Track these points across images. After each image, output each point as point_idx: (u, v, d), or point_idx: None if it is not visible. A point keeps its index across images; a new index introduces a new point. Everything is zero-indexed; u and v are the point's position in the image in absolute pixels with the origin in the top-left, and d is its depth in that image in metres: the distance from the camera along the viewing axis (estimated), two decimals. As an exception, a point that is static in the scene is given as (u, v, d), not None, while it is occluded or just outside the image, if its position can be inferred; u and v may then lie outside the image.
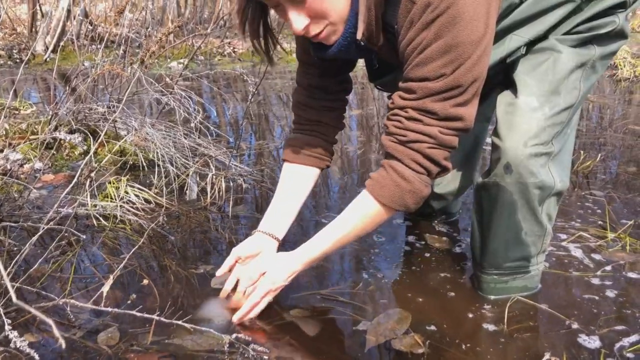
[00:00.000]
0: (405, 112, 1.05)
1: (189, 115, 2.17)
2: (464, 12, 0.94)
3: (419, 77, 1.01)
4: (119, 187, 1.85)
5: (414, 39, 0.99)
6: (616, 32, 1.17)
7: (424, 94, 1.01)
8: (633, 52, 4.78)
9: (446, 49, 0.96)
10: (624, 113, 3.13)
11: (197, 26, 5.99)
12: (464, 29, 0.95)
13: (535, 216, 1.23)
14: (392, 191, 1.09)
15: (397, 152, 1.07)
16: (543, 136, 1.16)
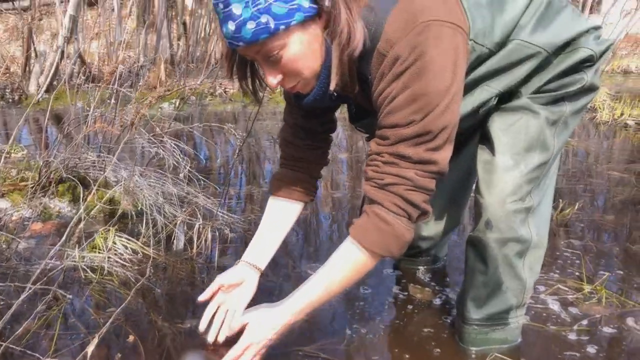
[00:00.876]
0: (382, 157, 1.09)
1: (178, 163, 2.21)
2: (431, 64, 1.00)
3: (390, 124, 1.06)
4: (107, 237, 1.88)
5: (384, 90, 1.05)
6: (586, 87, 1.23)
7: (396, 139, 1.06)
8: (612, 95, 4.92)
9: (414, 97, 1.02)
10: (603, 157, 3.21)
11: (189, 65, 6.09)
12: (431, 80, 1.01)
13: (515, 271, 1.28)
14: (375, 236, 1.11)
15: (377, 197, 1.10)
16: (520, 192, 1.22)
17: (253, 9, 0.97)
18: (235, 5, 0.97)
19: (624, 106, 4.17)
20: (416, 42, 0.99)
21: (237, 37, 1.01)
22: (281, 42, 1.01)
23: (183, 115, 4.44)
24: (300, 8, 0.98)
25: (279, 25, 0.98)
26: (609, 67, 6.83)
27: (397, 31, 1.01)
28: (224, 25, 1.01)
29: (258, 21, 0.98)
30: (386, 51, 1.03)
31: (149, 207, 2.02)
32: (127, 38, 5.79)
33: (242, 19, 0.98)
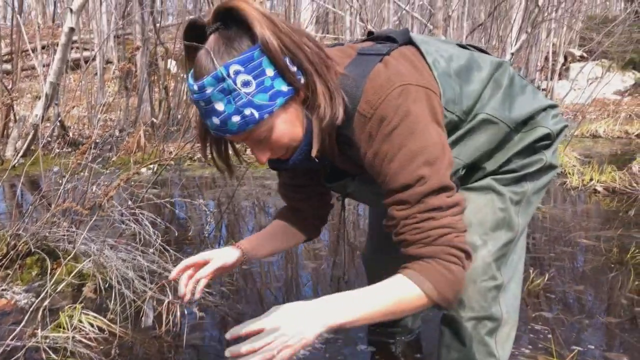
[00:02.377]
0: (414, 218, 1.06)
1: (150, 236, 2.20)
2: (418, 121, 1.05)
3: (400, 186, 1.06)
4: (72, 315, 1.83)
5: (378, 152, 1.08)
6: (545, 167, 1.29)
7: (417, 198, 1.05)
8: (581, 160, 5.08)
9: (413, 154, 1.05)
10: (573, 224, 3.28)
11: (170, 129, 6.16)
12: (424, 134, 1.06)
13: (488, 349, 1.29)
14: (437, 277, 1.04)
15: (430, 253, 1.05)
16: (490, 271, 1.25)
17: (236, 104, 1.01)
18: (217, 103, 1.01)
19: (592, 172, 4.30)
20: (398, 103, 1.05)
21: (223, 130, 1.05)
22: (267, 126, 1.06)
23: (161, 180, 4.45)
24: (279, 93, 1.03)
25: (263, 114, 1.03)
26: (579, 132, 7.08)
27: (376, 93, 1.06)
28: (207, 119, 1.05)
29: (242, 114, 1.02)
30: (368, 113, 1.07)
31: (117, 282, 1.99)
32: (109, 101, 5.87)
33: (226, 114, 1.02)
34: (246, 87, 1.00)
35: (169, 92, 6.90)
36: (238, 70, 0.99)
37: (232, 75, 0.99)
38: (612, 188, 4.08)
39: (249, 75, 1.00)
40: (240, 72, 0.99)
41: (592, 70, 10.69)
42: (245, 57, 0.99)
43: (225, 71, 0.99)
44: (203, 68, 1.01)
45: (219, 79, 0.99)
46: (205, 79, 1.00)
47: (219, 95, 1.01)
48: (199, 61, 1.02)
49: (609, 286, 2.32)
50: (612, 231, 3.09)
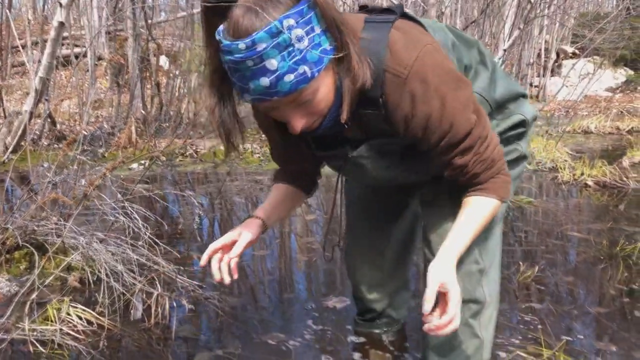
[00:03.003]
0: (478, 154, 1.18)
1: (139, 229, 2.19)
2: (455, 73, 1.12)
3: (462, 135, 1.15)
4: (60, 308, 1.82)
5: (431, 112, 1.10)
6: (520, 157, 1.37)
7: (476, 140, 1.17)
8: (573, 155, 5.10)
9: (464, 105, 1.13)
10: (564, 218, 3.29)
11: (162, 125, 6.13)
12: (464, 86, 1.13)
13: (472, 330, 1.35)
14: (508, 188, 1.24)
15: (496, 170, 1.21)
16: (473, 256, 1.32)
17: (290, 61, 0.96)
18: (270, 60, 0.95)
19: (583, 166, 4.32)
20: (433, 60, 1.08)
21: (270, 92, 0.99)
22: (314, 87, 1.02)
23: (153, 175, 4.43)
24: (326, 52, 1.00)
25: (315, 72, 0.99)
26: (570, 128, 7.11)
27: (407, 52, 1.07)
28: (251, 81, 0.98)
29: (296, 72, 0.97)
30: (402, 73, 1.07)
31: (106, 275, 1.97)
32: (100, 97, 5.83)
33: (280, 72, 0.96)
34: (300, 42, 0.96)
35: (160, 88, 6.86)
36: (292, 24, 0.94)
37: (286, 29, 0.94)
38: (602, 182, 4.09)
39: (302, 29, 0.95)
40: (293, 27, 0.94)
41: (584, 67, 10.76)
42: (297, 10, 0.95)
43: (279, 25, 0.93)
44: (249, 24, 0.93)
45: (274, 33, 0.93)
46: (256, 35, 0.93)
47: (273, 52, 0.94)
48: (240, 18, 0.94)
49: (599, 278, 2.33)
50: (602, 224, 3.10)
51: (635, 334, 1.82)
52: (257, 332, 1.83)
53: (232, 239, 1.31)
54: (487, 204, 1.23)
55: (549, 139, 5.61)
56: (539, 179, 4.43)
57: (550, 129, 6.53)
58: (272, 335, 1.80)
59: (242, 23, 0.94)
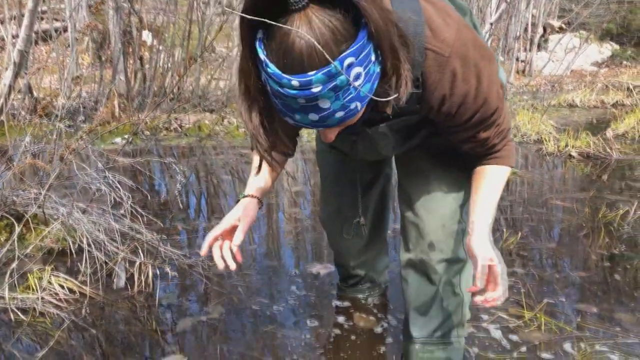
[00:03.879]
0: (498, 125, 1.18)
1: (121, 199, 2.16)
2: (485, 49, 1.10)
3: (493, 110, 1.14)
4: (42, 277, 1.80)
5: (469, 90, 1.08)
6: None
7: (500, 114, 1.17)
8: (558, 127, 5.13)
9: (492, 79, 1.12)
10: (547, 188, 3.32)
11: (145, 100, 6.04)
12: (490, 59, 1.12)
13: (453, 288, 1.36)
14: (514, 157, 1.26)
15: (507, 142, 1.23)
16: (456, 216, 1.34)
17: (344, 100, 0.89)
18: (324, 101, 0.87)
19: (568, 138, 4.34)
20: (469, 37, 1.06)
21: (318, 125, 0.93)
22: (360, 111, 0.96)
23: (137, 149, 4.38)
24: (377, 76, 0.92)
25: (364, 103, 0.93)
26: (555, 102, 7.13)
27: (447, 30, 1.03)
28: (300, 114, 0.91)
29: (348, 109, 0.91)
30: (446, 51, 1.03)
31: (88, 244, 1.95)
32: (82, 73, 5.71)
33: (331, 110, 0.89)
34: (357, 80, 0.87)
35: (144, 63, 6.75)
36: (352, 62, 0.85)
37: (345, 69, 0.84)
38: (586, 153, 4.12)
39: (360, 67, 0.86)
40: (353, 65, 0.85)
41: (570, 42, 10.76)
42: (358, 46, 0.84)
43: (340, 66, 0.83)
44: (307, 62, 0.83)
45: (332, 75, 0.84)
46: (313, 76, 0.83)
47: (329, 94, 0.86)
48: (297, 50, 0.83)
49: (581, 244, 2.36)
50: (585, 194, 3.13)
51: (615, 296, 1.85)
52: (242, 298, 1.83)
53: (230, 224, 1.28)
54: (503, 172, 1.25)
55: (534, 112, 5.62)
56: (523, 151, 4.45)
57: (535, 102, 6.54)
58: (256, 301, 1.80)
59: (299, 59, 0.83)
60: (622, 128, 4.97)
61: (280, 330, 1.61)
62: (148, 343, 1.55)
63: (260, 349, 1.51)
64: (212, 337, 1.58)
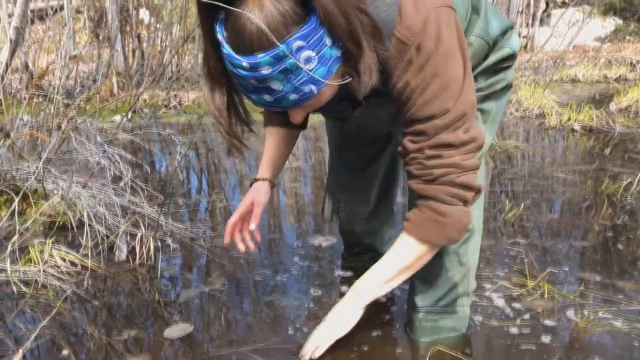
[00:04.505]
0: (423, 154, 1.07)
1: (121, 173, 2.15)
2: (450, 49, 1.01)
3: (426, 116, 1.04)
4: (43, 250, 1.79)
5: (410, 81, 1.03)
6: (508, 86, 1.34)
7: (435, 132, 1.05)
8: (560, 102, 5.08)
9: (445, 85, 1.02)
10: (550, 161, 3.30)
11: (144, 77, 5.99)
12: (455, 64, 1.02)
13: (459, 257, 1.36)
14: (432, 230, 1.12)
15: (429, 192, 1.09)
16: None
17: (296, 83, 0.90)
18: (274, 82, 0.90)
19: (570, 112, 4.31)
20: (435, 30, 0.99)
21: (274, 105, 0.95)
22: (319, 95, 0.97)
23: (136, 127, 4.35)
24: (335, 61, 0.93)
25: (321, 86, 0.94)
26: (558, 76, 7.06)
27: (416, 17, 0.99)
28: (254, 94, 0.94)
29: (301, 92, 0.93)
30: (409, 40, 1.00)
31: (89, 218, 1.94)
32: (79, 51, 5.65)
33: (283, 93, 0.92)
34: (308, 64, 0.89)
35: (141, 41, 6.67)
36: (301, 46, 0.86)
37: (294, 52, 0.86)
38: (589, 127, 4.09)
39: (311, 50, 0.88)
40: (303, 48, 0.87)
41: (572, 16, 10.62)
42: (307, 30, 0.86)
43: (287, 49, 0.85)
44: (255, 42, 0.85)
45: (280, 57, 0.86)
46: (262, 58, 0.86)
47: (279, 76, 0.88)
48: (247, 32, 0.85)
49: (583, 215, 2.35)
50: (587, 166, 3.11)
51: (618, 265, 1.84)
52: (244, 270, 1.83)
53: (246, 208, 1.38)
54: (410, 249, 1.17)
55: (536, 87, 5.57)
56: (525, 125, 4.42)
57: (537, 78, 6.48)
58: (259, 272, 1.80)
59: (247, 39, 0.86)
60: (625, 102, 4.93)
61: (283, 299, 1.61)
62: (151, 313, 1.55)
63: (264, 317, 1.51)
64: (215, 307, 1.58)
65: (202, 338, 1.41)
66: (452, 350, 1.34)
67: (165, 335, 1.42)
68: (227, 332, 1.43)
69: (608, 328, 1.44)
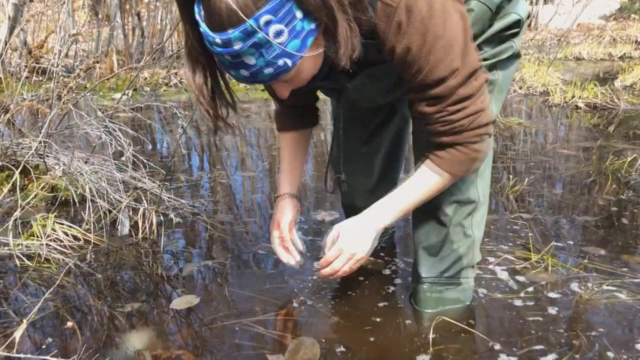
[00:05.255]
0: (446, 112, 1.07)
1: (122, 148, 2.13)
2: (445, 7, 0.99)
3: (436, 79, 1.03)
4: (45, 224, 1.79)
5: (410, 45, 1.00)
6: (515, 55, 1.30)
7: (450, 92, 1.05)
8: (564, 79, 5.04)
9: (449, 44, 1.00)
10: (554, 137, 3.28)
11: (144, 57, 5.94)
12: (454, 21, 1.00)
13: (464, 229, 1.35)
14: (466, 164, 1.15)
15: (462, 139, 1.11)
16: None
17: (269, 57, 0.92)
18: (248, 57, 0.91)
19: (574, 89, 4.27)
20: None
21: (252, 80, 0.97)
22: (297, 69, 0.98)
23: (137, 105, 4.33)
24: (309, 33, 0.93)
25: (296, 60, 0.95)
26: (562, 55, 7.00)
27: None
28: (232, 70, 0.95)
29: (276, 65, 0.94)
30: (394, 2, 0.97)
31: (91, 193, 1.93)
32: (79, 30, 5.59)
33: (258, 67, 0.93)
34: (279, 37, 0.90)
35: (141, 19, 6.61)
36: (269, 20, 0.87)
37: (263, 27, 0.87)
38: (593, 104, 4.06)
39: (280, 24, 0.89)
40: (271, 22, 0.88)
41: (577, -6, 10.46)
42: (274, 4, 0.87)
43: (255, 24, 0.87)
44: (225, 19, 0.87)
45: (249, 32, 0.87)
46: (232, 34, 0.88)
47: (250, 50, 0.90)
48: (218, 9, 0.87)
49: (587, 190, 2.34)
50: (592, 142, 3.09)
51: (622, 239, 1.83)
52: (247, 244, 1.83)
53: (280, 226, 1.43)
54: (435, 179, 1.17)
55: (540, 65, 5.52)
56: (529, 102, 4.39)
57: (541, 56, 6.41)
58: (261, 246, 1.79)
59: (218, 16, 0.87)
60: (630, 79, 4.88)
61: (286, 272, 1.61)
62: (154, 286, 1.55)
63: (267, 290, 1.51)
64: (218, 280, 1.58)
65: (205, 310, 1.41)
66: (457, 321, 1.33)
67: (172, 306, 1.42)
68: (229, 304, 1.43)
69: (612, 300, 1.44)
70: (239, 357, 1.21)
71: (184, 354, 1.21)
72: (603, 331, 1.29)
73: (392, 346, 1.25)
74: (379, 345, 1.25)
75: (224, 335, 1.29)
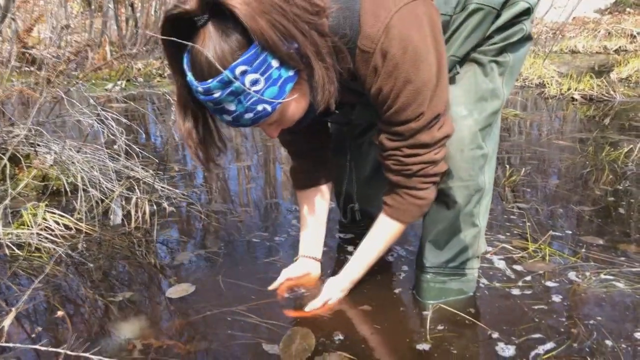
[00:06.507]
0: (401, 152, 1.16)
1: (115, 137, 2.10)
2: (420, 52, 1.04)
3: (401, 121, 1.10)
4: (36, 213, 1.76)
5: (382, 87, 1.06)
6: (525, 37, 1.29)
7: (411, 134, 1.12)
8: (560, 72, 5.03)
9: (417, 91, 1.06)
10: (550, 129, 3.26)
11: (138, 47, 5.88)
12: (426, 67, 1.05)
13: (472, 219, 1.33)
14: (412, 211, 1.25)
15: (408, 183, 1.20)
16: (476, 140, 1.27)
17: (247, 104, 0.97)
18: (228, 104, 0.97)
19: (570, 81, 4.26)
20: (398, 33, 1.01)
21: (235, 124, 1.02)
22: (279, 112, 1.03)
23: (131, 95, 4.28)
24: (287, 80, 0.98)
25: (275, 105, 1.00)
26: (557, 48, 6.99)
27: (375, 25, 1.01)
28: (218, 114, 1.01)
29: (255, 111, 0.98)
30: (370, 48, 1.03)
31: (82, 182, 1.90)
32: (72, 22, 5.53)
33: (238, 113, 0.98)
34: (255, 85, 0.95)
35: (135, 9, 6.54)
36: (244, 70, 0.93)
37: (238, 76, 0.93)
38: (589, 96, 4.05)
39: (256, 73, 0.94)
40: (247, 72, 0.93)
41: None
42: (249, 56, 0.92)
43: (231, 74, 0.92)
44: (205, 69, 0.93)
45: (226, 82, 0.93)
46: (211, 83, 0.94)
47: (229, 98, 0.96)
48: (200, 61, 0.93)
49: (584, 181, 2.33)
50: (588, 134, 3.08)
51: (620, 229, 1.82)
52: (241, 232, 1.80)
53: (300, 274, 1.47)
54: (392, 225, 1.28)
55: (536, 58, 5.50)
56: (525, 94, 4.38)
57: (537, 49, 6.40)
58: (255, 235, 1.77)
59: (199, 67, 0.94)
60: (626, 71, 4.88)
61: (282, 260, 1.59)
62: (146, 275, 1.53)
63: (262, 278, 1.48)
64: (212, 268, 1.56)
65: (197, 299, 1.39)
66: (455, 310, 1.32)
67: (167, 295, 1.40)
68: (222, 293, 1.41)
69: (610, 289, 1.42)
70: (233, 347, 1.18)
71: (175, 344, 1.19)
72: (600, 320, 1.28)
73: (391, 335, 1.23)
74: (376, 334, 1.23)
75: (218, 325, 1.27)
